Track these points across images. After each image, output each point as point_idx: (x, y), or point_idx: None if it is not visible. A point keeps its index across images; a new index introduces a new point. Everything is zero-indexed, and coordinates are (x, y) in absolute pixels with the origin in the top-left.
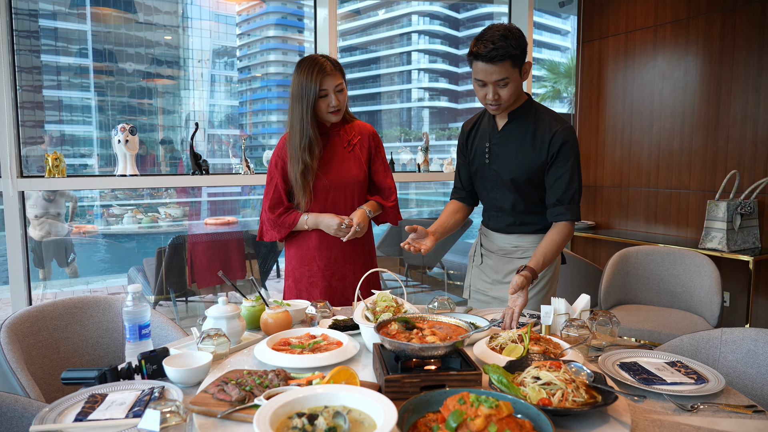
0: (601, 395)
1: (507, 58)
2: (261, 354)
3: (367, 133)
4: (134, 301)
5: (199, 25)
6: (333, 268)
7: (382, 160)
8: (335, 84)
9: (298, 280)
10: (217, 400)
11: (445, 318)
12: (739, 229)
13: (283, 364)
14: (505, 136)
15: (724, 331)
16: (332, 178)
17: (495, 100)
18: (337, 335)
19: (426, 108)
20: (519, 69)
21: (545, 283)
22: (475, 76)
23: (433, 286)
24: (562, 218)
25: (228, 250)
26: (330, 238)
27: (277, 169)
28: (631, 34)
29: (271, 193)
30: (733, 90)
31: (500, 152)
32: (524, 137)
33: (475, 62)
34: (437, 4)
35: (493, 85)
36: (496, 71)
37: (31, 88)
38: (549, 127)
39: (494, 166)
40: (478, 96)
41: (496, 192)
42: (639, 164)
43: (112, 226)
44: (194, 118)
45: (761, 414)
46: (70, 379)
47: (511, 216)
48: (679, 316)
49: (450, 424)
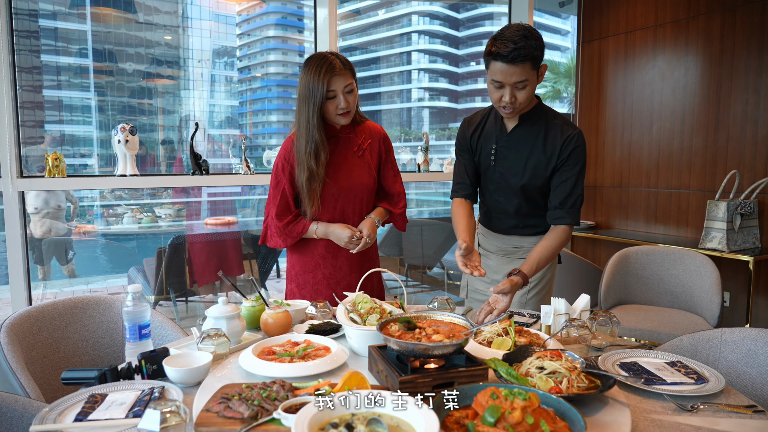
0: (599, 380)
1: (528, 59)
2: (249, 365)
3: (378, 137)
4: (134, 301)
5: (199, 25)
6: (338, 277)
7: (392, 165)
8: (345, 84)
9: (302, 286)
10: (226, 419)
11: (440, 316)
12: (739, 229)
13: (275, 374)
14: (514, 139)
15: (724, 331)
16: (342, 185)
17: (511, 103)
18: (321, 340)
19: (426, 108)
20: (537, 71)
21: (544, 284)
22: (493, 77)
23: (433, 286)
24: (561, 222)
25: (228, 250)
26: (335, 247)
27: (284, 173)
28: (631, 34)
29: (278, 199)
30: (733, 90)
31: (508, 155)
32: (535, 141)
33: (493, 62)
34: (437, 4)
35: (511, 87)
36: (516, 72)
37: (31, 88)
38: (561, 131)
39: (500, 169)
40: (492, 98)
41: (499, 194)
42: (639, 164)
43: (112, 226)
44: (194, 118)
45: (761, 414)
46: (70, 379)
47: (514, 219)
48: (679, 316)
49: (487, 419)
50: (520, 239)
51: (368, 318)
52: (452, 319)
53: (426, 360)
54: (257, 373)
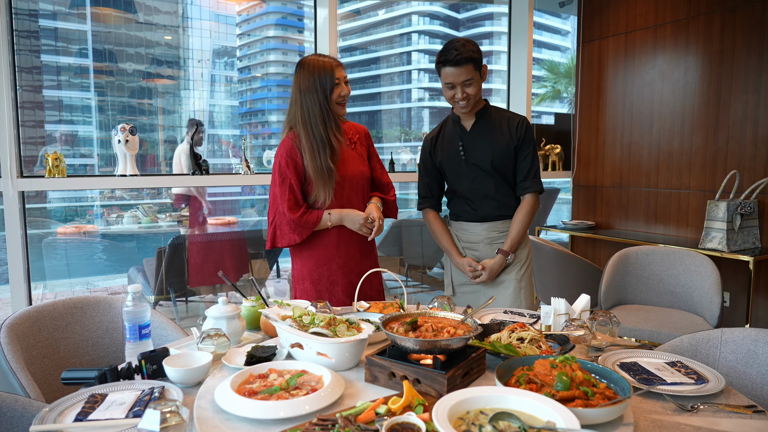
0: (556, 340)
1: (470, 61)
2: (235, 407)
3: (363, 132)
4: (134, 301)
5: (199, 25)
6: (351, 265)
7: (377, 158)
8: (344, 75)
9: (317, 281)
10: None
11: (439, 313)
12: (739, 229)
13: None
14: (476, 132)
15: (724, 331)
16: (344, 174)
17: (464, 98)
18: (295, 365)
19: (426, 108)
20: (479, 71)
21: (524, 261)
22: (444, 80)
23: (433, 286)
24: (530, 190)
25: (229, 249)
26: (347, 235)
27: (289, 169)
28: (631, 34)
29: (287, 194)
30: (733, 90)
31: (475, 146)
32: (493, 129)
33: (443, 69)
34: (437, 4)
35: (461, 86)
36: (462, 72)
37: (31, 88)
38: (512, 117)
39: (471, 160)
40: (446, 96)
41: (478, 182)
42: (639, 164)
43: (112, 226)
44: (194, 118)
45: (761, 414)
46: (70, 379)
47: (495, 200)
48: (679, 316)
49: (558, 385)
50: (503, 224)
51: (338, 328)
52: (431, 312)
53: (425, 356)
54: (245, 415)
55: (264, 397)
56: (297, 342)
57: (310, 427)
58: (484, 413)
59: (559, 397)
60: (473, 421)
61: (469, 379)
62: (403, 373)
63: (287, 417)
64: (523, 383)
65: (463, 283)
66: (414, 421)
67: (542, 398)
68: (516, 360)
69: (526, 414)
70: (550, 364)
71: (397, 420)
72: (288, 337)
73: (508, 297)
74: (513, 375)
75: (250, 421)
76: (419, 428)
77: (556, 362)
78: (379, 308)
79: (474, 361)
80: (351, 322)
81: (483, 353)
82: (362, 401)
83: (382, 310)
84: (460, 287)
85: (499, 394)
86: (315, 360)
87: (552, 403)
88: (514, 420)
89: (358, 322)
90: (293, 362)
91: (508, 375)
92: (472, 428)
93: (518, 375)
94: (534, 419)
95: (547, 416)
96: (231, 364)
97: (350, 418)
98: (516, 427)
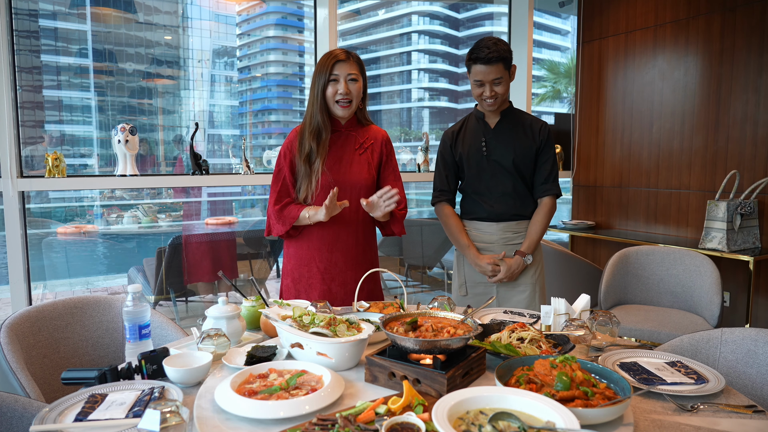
0: (556, 340)
1: (500, 60)
2: (235, 407)
3: (381, 139)
4: (134, 301)
5: (199, 25)
6: (333, 272)
7: (393, 168)
8: (348, 71)
9: (297, 280)
10: None
11: (438, 313)
12: (739, 229)
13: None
14: (500, 130)
15: (724, 331)
16: (339, 178)
17: (492, 96)
18: (295, 365)
19: (426, 108)
20: (509, 71)
21: (537, 264)
22: (474, 78)
23: (433, 286)
24: (549, 192)
25: (228, 249)
26: (331, 240)
27: (285, 160)
28: (631, 34)
29: (278, 185)
30: (733, 90)
31: (498, 144)
32: (517, 129)
33: (474, 66)
34: (437, 4)
35: (490, 84)
36: (492, 71)
37: (31, 88)
38: (535, 121)
39: (493, 157)
40: (474, 95)
41: (497, 179)
42: (639, 164)
43: (112, 226)
44: (194, 118)
45: (761, 414)
46: (70, 379)
47: (512, 198)
48: (679, 316)
49: (558, 385)
50: (518, 224)
51: (339, 328)
52: (430, 311)
53: (424, 356)
54: (245, 415)
55: (264, 397)
56: (297, 342)
57: (310, 427)
58: (484, 413)
59: (559, 397)
60: (473, 421)
61: (469, 379)
62: (403, 373)
63: (287, 417)
64: (523, 383)
65: (479, 282)
66: (414, 421)
67: (542, 398)
68: (516, 360)
69: (526, 414)
70: (550, 364)
71: (397, 420)
72: (288, 337)
73: (524, 300)
74: (513, 375)
75: (250, 421)
76: (419, 428)
77: (556, 362)
78: (379, 308)
79: (474, 361)
80: (351, 322)
81: (483, 353)
82: (362, 401)
83: (382, 310)
84: (474, 287)
85: (498, 394)
86: (315, 360)
87: (552, 403)
88: (513, 420)
89: (358, 322)
90: (293, 362)
91: (508, 375)
92: (471, 428)
93: (518, 375)
94: (534, 419)
95: (547, 416)
96: (231, 364)
97: (350, 418)
98: (516, 427)
